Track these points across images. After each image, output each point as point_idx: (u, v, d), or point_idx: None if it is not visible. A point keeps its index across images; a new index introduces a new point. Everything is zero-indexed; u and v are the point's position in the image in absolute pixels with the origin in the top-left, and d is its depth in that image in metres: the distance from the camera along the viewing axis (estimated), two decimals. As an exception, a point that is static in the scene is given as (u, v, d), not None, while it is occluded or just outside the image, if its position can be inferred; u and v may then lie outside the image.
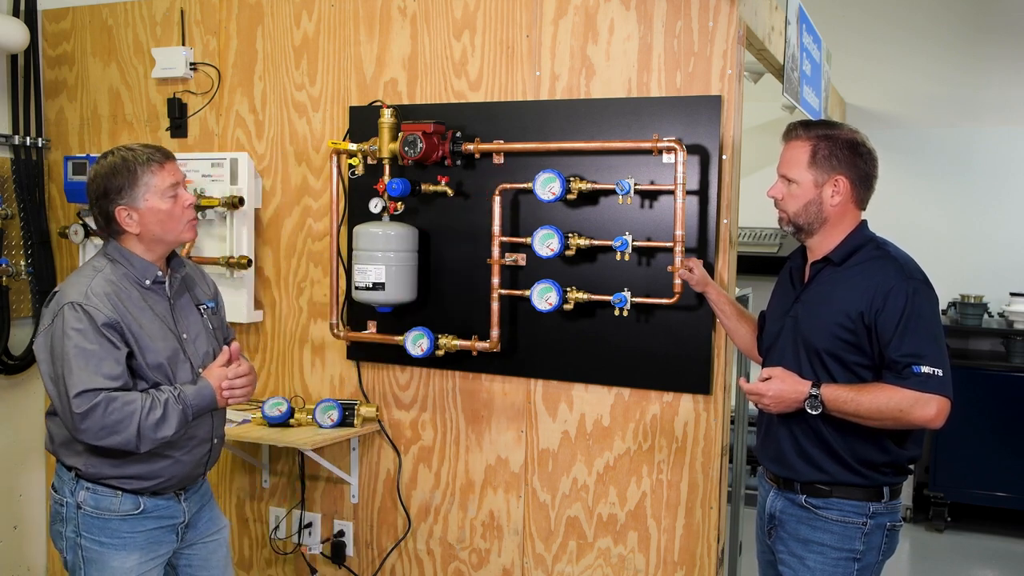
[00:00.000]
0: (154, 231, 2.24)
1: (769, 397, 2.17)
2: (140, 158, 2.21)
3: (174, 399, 2.17)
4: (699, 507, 2.76)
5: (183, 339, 2.31)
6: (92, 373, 2.10)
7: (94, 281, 2.18)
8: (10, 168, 3.64)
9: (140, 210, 2.21)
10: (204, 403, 2.23)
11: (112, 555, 2.25)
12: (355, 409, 3.08)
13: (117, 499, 2.25)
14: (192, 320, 2.37)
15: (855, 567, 2.21)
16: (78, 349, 2.10)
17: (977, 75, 5.08)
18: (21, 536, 3.74)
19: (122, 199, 2.20)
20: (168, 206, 2.24)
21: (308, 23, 3.24)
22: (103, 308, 2.14)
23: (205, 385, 2.24)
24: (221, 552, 2.50)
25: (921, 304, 2.12)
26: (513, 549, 3.02)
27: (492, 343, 2.88)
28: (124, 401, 2.11)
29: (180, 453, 2.29)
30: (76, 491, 2.25)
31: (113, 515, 2.25)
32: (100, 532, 2.24)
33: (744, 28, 2.71)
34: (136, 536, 2.27)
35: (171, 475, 2.29)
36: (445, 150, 2.91)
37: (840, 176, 2.22)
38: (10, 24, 3.47)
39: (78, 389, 2.08)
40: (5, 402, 3.68)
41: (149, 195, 2.21)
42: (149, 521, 2.29)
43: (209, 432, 2.37)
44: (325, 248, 3.22)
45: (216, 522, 2.50)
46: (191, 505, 2.39)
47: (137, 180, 2.20)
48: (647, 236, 2.73)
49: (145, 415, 2.11)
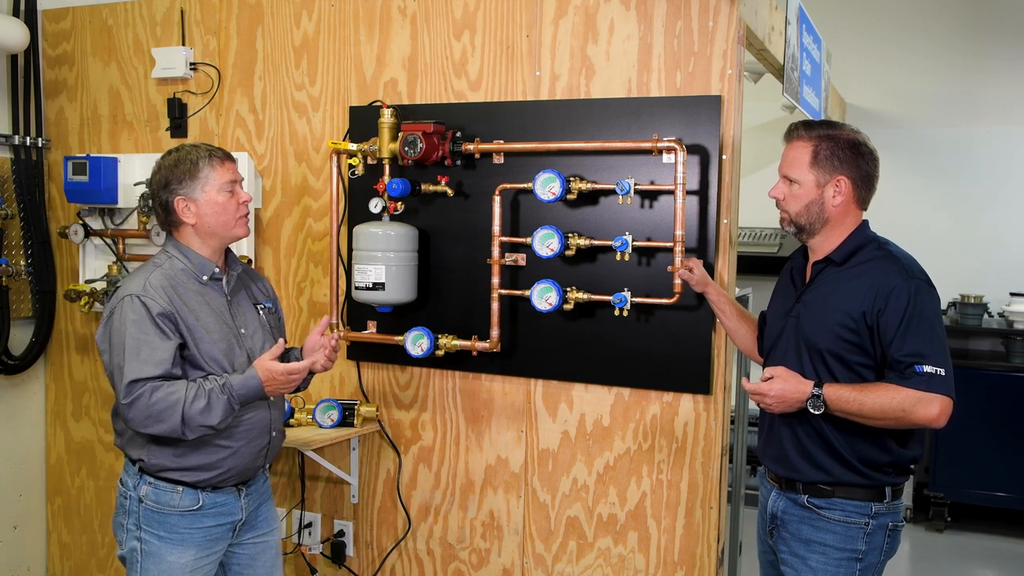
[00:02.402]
0: (209, 223, 2.35)
1: (772, 397, 2.18)
2: (202, 153, 2.36)
3: (219, 388, 2.24)
4: (699, 507, 2.76)
5: (241, 334, 2.40)
6: (142, 363, 2.19)
7: (153, 275, 2.30)
8: (10, 168, 3.64)
9: (198, 201, 2.33)
10: (250, 392, 2.29)
11: (169, 550, 2.33)
12: (355, 409, 3.08)
13: (177, 495, 2.32)
14: (249, 317, 2.45)
15: (857, 567, 2.21)
16: (132, 339, 2.20)
17: (977, 75, 5.08)
18: (21, 536, 3.74)
19: (182, 189, 2.33)
20: (224, 200, 2.35)
21: (308, 23, 3.24)
22: (159, 299, 2.24)
23: (252, 375, 2.30)
24: (269, 553, 2.55)
25: (923, 304, 2.12)
26: (513, 549, 3.02)
27: (492, 343, 2.88)
28: (168, 391, 2.19)
29: (238, 444, 2.36)
30: (139, 485, 2.33)
31: (173, 511, 2.32)
32: (159, 527, 2.32)
33: (744, 28, 2.71)
34: (194, 533, 2.34)
35: (230, 467, 2.36)
36: (445, 150, 2.91)
37: (842, 176, 2.22)
38: (10, 24, 3.47)
39: (128, 379, 2.18)
40: (5, 402, 3.68)
41: (208, 187, 2.33)
42: (207, 518, 2.36)
43: (267, 424, 2.43)
44: (325, 248, 3.22)
45: (269, 522, 2.55)
46: (250, 502, 2.46)
47: (198, 173, 2.33)
48: (647, 236, 2.73)
49: (189, 403, 2.19)
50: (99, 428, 3.69)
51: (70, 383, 3.76)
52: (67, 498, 3.79)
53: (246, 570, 2.50)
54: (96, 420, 3.70)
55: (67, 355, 3.76)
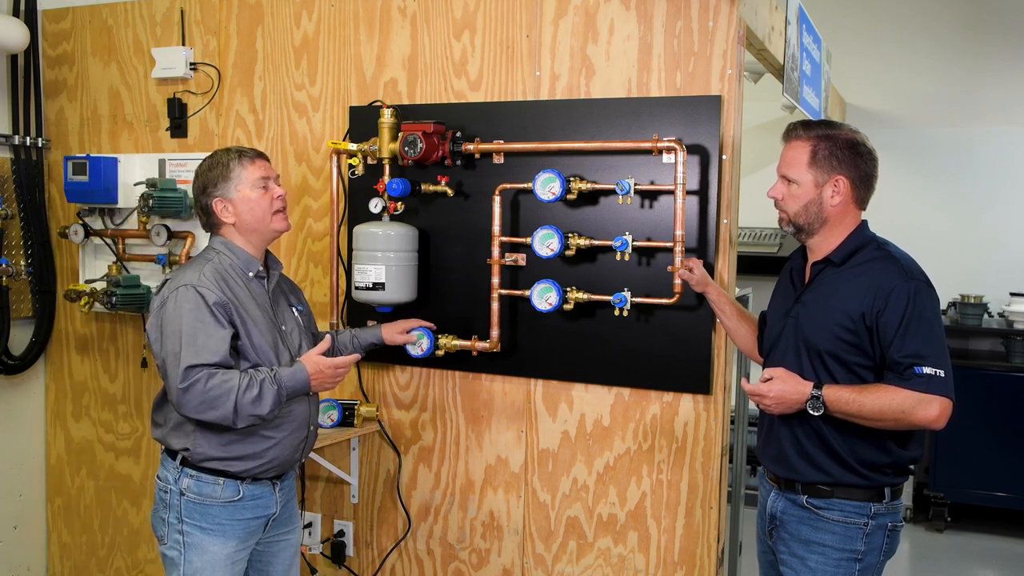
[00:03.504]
0: (247, 220, 2.44)
1: (771, 398, 2.18)
2: (232, 155, 2.46)
3: (270, 379, 2.31)
4: (699, 507, 2.76)
5: (282, 330, 2.49)
6: (199, 350, 2.26)
7: (205, 268, 2.37)
8: (10, 168, 3.64)
9: (234, 200, 2.43)
10: (298, 385, 2.37)
11: (212, 541, 2.38)
12: (355, 409, 3.08)
13: (219, 486, 2.38)
14: (288, 315, 2.55)
15: (856, 567, 2.21)
16: (189, 327, 2.27)
17: (977, 75, 5.08)
18: (21, 536, 3.75)
19: (218, 191, 2.43)
20: (258, 195, 2.44)
21: (308, 23, 3.24)
22: (214, 289, 2.32)
23: (300, 368, 2.38)
24: (289, 551, 2.60)
25: (923, 305, 2.12)
26: (513, 549, 3.02)
27: (492, 343, 2.88)
28: (223, 379, 2.25)
29: (281, 435, 2.43)
30: (180, 479, 2.39)
31: (215, 502, 2.38)
32: (202, 518, 2.38)
33: (744, 28, 2.71)
34: (235, 524, 2.41)
35: (273, 457, 2.42)
36: (445, 150, 2.91)
37: (840, 176, 2.22)
38: (10, 24, 3.47)
39: (185, 364, 2.24)
40: (5, 402, 3.68)
41: (241, 186, 2.43)
42: (246, 511, 2.42)
43: (307, 418, 2.51)
44: (325, 248, 3.22)
45: (294, 520, 2.62)
46: (283, 497, 2.52)
47: (230, 173, 2.43)
48: (647, 236, 2.73)
49: (242, 392, 2.25)
50: (99, 428, 3.69)
51: (70, 383, 3.76)
52: (67, 498, 3.79)
53: (268, 566, 2.57)
54: (96, 420, 3.70)
55: (67, 355, 3.76)
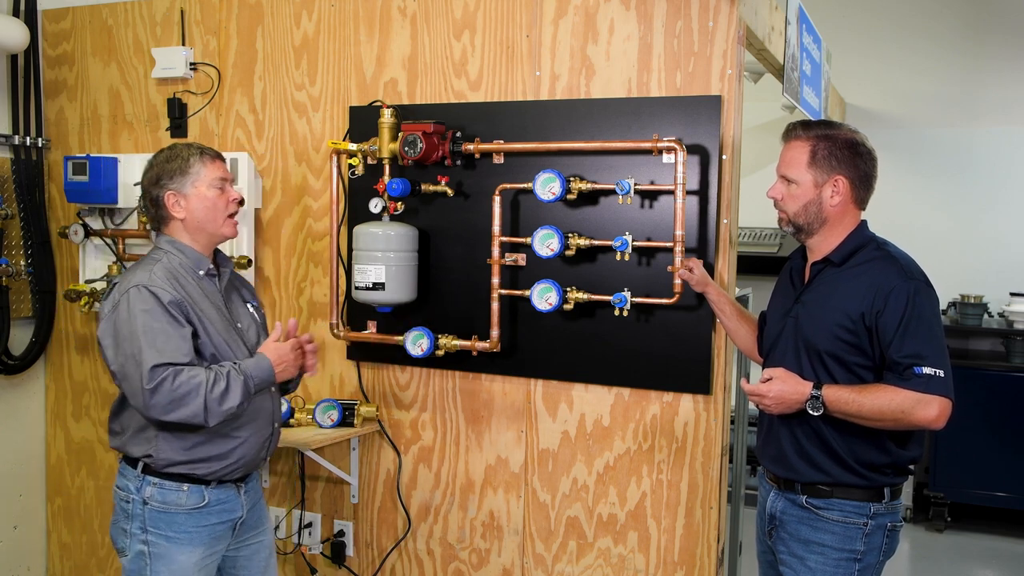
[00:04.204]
0: (198, 218, 2.38)
1: (770, 398, 2.18)
2: (193, 151, 2.41)
3: (235, 371, 2.28)
4: (699, 507, 2.76)
5: (238, 327, 2.45)
6: (161, 349, 2.20)
7: (155, 267, 2.32)
8: (10, 168, 3.64)
9: (188, 196, 2.37)
10: (263, 374, 2.34)
11: (179, 550, 2.33)
12: (355, 409, 3.08)
13: (184, 492, 2.33)
14: (243, 312, 2.51)
15: (856, 567, 2.21)
16: (146, 327, 2.21)
17: (977, 75, 5.08)
18: (21, 536, 3.74)
19: (173, 184, 2.37)
20: (214, 196, 2.39)
21: (308, 23, 3.24)
22: (167, 287, 2.27)
23: (262, 358, 2.35)
24: (263, 553, 2.56)
25: (922, 305, 2.12)
26: (513, 549, 3.02)
27: (492, 343, 2.88)
28: (190, 375, 2.20)
29: (247, 433, 2.39)
30: (142, 487, 2.33)
31: (180, 509, 2.33)
32: (167, 527, 2.32)
33: (744, 28, 2.71)
34: (201, 531, 2.36)
35: (239, 456, 2.39)
36: (445, 150, 2.91)
37: (840, 176, 2.22)
38: (10, 24, 3.47)
39: (149, 364, 2.18)
40: (5, 402, 3.68)
41: (198, 183, 2.38)
42: (212, 516, 2.37)
43: (271, 415, 2.48)
44: (325, 248, 3.22)
45: (264, 521, 2.58)
46: (249, 499, 2.48)
47: (189, 168, 2.37)
48: (647, 236, 2.73)
49: (210, 388, 2.21)
50: (99, 428, 3.69)
51: (70, 383, 3.76)
52: (67, 498, 3.79)
53: (242, 571, 2.52)
54: (96, 420, 3.70)
55: (67, 355, 3.76)
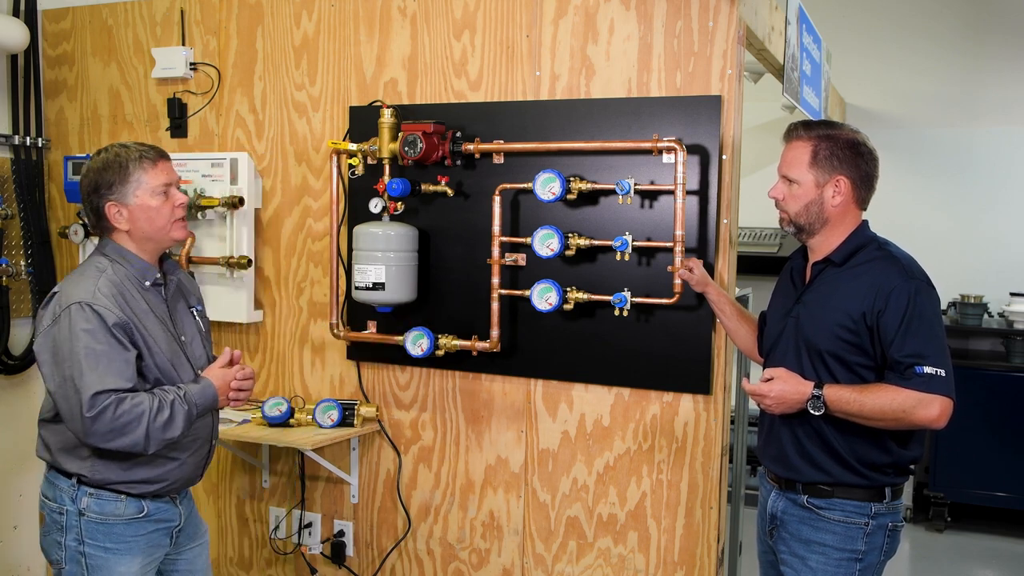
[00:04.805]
0: (143, 228, 2.23)
1: (772, 398, 2.17)
2: (132, 155, 2.21)
3: (180, 399, 2.16)
4: (699, 507, 2.76)
5: (182, 341, 2.32)
6: (103, 374, 2.07)
7: (100, 281, 2.16)
8: (10, 168, 3.64)
9: (130, 207, 2.20)
10: (207, 402, 2.24)
11: (118, 560, 2.23)
12: (355, 409, 3.08)
13: (122, 503, 2.23)
14: (188, 323, 2.38)
15: (857, 567, 2.21)
16: (88, 350, 2.07)
17: (977, 75, 5.08)
18: (21, 536, 3.74)
19: (112, 195, 2.19)
20: (158, 204, 2.23)
21: (308, 23, 3.24)
22: (113, 308, 2.12)
23: (208, 384, 2.25)
24: (204, 556, 2.51)
25: (923, 304, 2.12)
26: (513, 549, 3.02)
27: (492, 343, 2.88)
28: (134, 403, 2.09)
29: (185, 455, 2.30)
30: (78, 498, 2.21)
31: (118, 519, 2.23)
32: (105, 538, 2.22)
33: (744, 28, 2.71)
34: (139, 540, 2.27)
35: (176, 478, 2.30)
36: (445, 150, 2.91)
37: (841, 176, 2.22)
38: (10, 24, 3.47)
39: (91, 391, 2.05)
40: (5, 402, 3.68)
41: (140, 192, 2.20)
42: (150, 524, 2.29)
43: (209, 433, 2.38)
44: (325, 248, 3.22)
45: (200, 527, 2.51)
46: (185, 508, 2.40)
47: (128, 177, 2.19)
48: (647, 236, 2.73)
49: (153, 416, 2.10)
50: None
51: (70, 383, 3.75)
52: (67, 498, 3.79)
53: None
54: (96, 420, 3.69)
55: (67, 355, 3.75)
